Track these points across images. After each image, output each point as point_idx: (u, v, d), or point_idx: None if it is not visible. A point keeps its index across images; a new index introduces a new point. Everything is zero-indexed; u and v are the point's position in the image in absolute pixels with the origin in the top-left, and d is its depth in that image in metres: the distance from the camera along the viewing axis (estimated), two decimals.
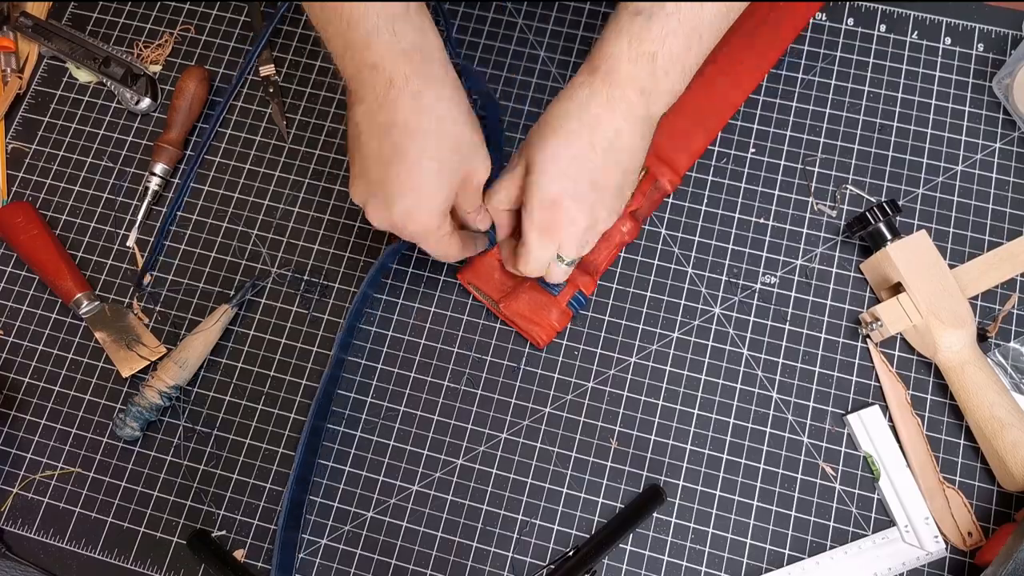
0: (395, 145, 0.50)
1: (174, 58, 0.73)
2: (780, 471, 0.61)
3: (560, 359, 0.64)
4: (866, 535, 0.59)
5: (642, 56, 0.51)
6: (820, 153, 0.67)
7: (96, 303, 0.66)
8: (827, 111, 0.68)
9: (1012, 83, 0.65)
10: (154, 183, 0.68)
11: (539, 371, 0.63)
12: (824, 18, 0.70)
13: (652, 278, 0.65)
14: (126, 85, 0.71)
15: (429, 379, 0.64)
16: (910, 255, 0.60)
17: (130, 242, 0.68)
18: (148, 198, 0.68)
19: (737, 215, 0.66)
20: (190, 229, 0.68)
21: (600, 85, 0.52)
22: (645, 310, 0.64)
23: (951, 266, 0.61)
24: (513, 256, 0.57)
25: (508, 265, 0.59)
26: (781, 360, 0.63)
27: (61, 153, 0.71)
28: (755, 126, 0.68)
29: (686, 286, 0.65)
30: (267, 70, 0.71)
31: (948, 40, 0.69)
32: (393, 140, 0.50)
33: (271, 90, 0.71)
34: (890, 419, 0.61)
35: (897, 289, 0.61)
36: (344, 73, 0.51)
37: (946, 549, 0.58)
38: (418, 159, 0.50)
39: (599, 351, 0.64)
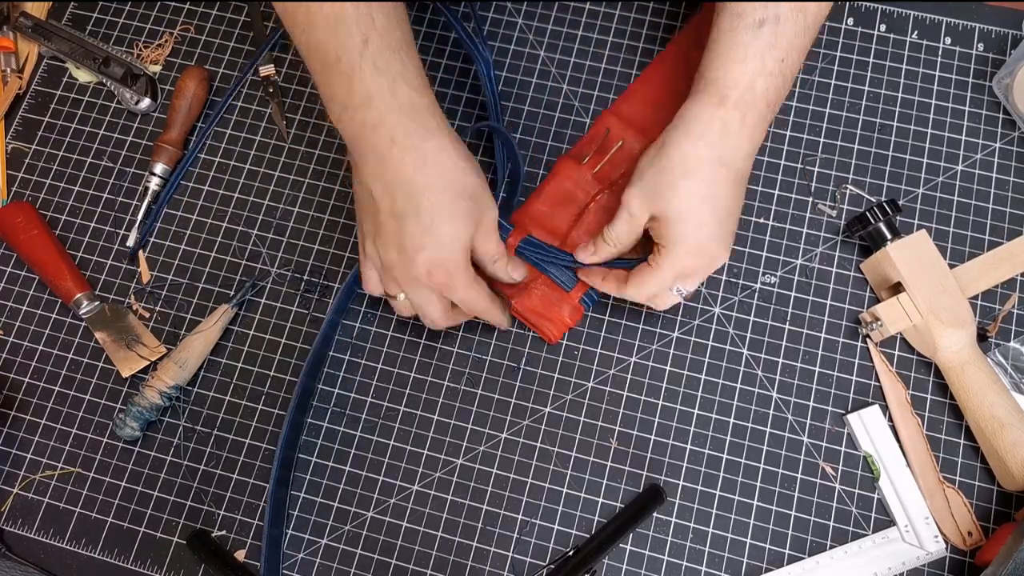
0: (407, 199, 0.51)
1: (174, 58, 0.73)
2: (780, 471, 0.61)
3: (560, 359, 0.64)
4: (866, 535, 0.59)
5: (775, 65, 0.50)
6: (820, 153, 0.67)
7: (96, 303, 0.66)
8: (827, 111, 0.68)
9: (1012, 83, 0.65)
10: (154, 183, 0.68)
11: (539, 371, 0.63)
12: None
13: None
14: (126, 85, 0.71)
15: (429, 379, 0.64)
16: (910, 255, 0.60)
17: (130, 242, 0.68)
18: (148, 198, 0.68)
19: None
20: (190, 229, 0.68)
21: (732, 113, 0.51)
22: (645, 310, 0.64)
23: (951, 266, 0.61)
24: (622, 285, 0.57)
25: (611, 290, 0.59)
26: (781, 360, 0.63)
27: (61, 153, 0.71)
28: None
29: None
30: (267, 70, 0.71)
31: (948, 40, 0.69)
32: (404, 194, 0.51)
33: (271, 90, 0.71)
34: (890, 419, 0.61)
35: (897, 289, 0.61)
36: (344, 135, 0.52)
37: (946, 549, 0.58)
38: (430, 210, 0.51)
39: (599, 351, 0.64)
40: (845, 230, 0.65)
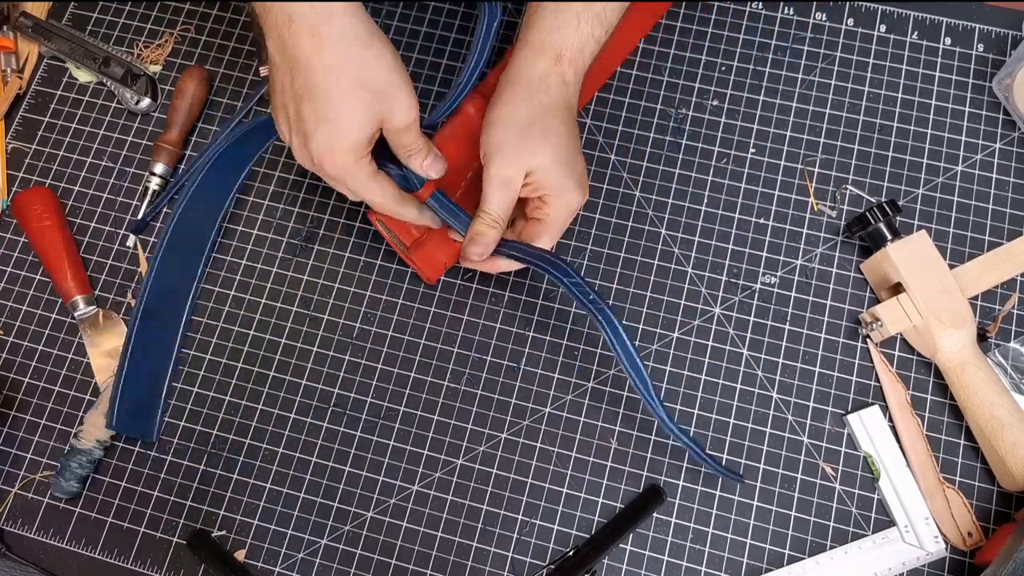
0: (305, 82, 0.50)
1: (174, 58, 0.73)
2: (780, 471, 0.61)
3: (560, 359, 0.64)
4: (866, 535, 0.59)
5: (602, 34, 0.57)
6: (820, 153, 0.67)
7: (92, 308, 0.66)
8: (827, 111, 0.68)
9: (1012, 83, 0.65)
10: (154, 183, 0.68)
11: (539, 371, 0.63)
12: (824, 18, 0.70)
13: (652, 278, 0.65)
14: (126, 85, 0.71)
15: (429, 379, 0.64)
16: (910, 255, 0.60)
17: (130, 242, 0.68)
18: (148, 198, 0.68)
19: (737, 215, 0.66)
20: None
21: (568, 68, 0.56)
22: (645, 310, 0.64)
23: (951, 266, 0.61)
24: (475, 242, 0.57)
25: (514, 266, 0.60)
26: (781, 360, 0.63)
27: (61, 153, 0.71)
28: (755, 126, 0.68)
29: (686, 286, 0.65)
30: (267, 70, 0.71)
31: (948, 40, 0.69)
32: (302, 77, 0.50)
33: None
34: (890, 419, 0.61)
35: (897, 289, 0.61)
36: (254, 4, 0.51)
37: (946, 549, 0.58)
38: (326, 97, 0.49)
39: (599, 351, 0.64)
40: (845, 230, 0.65)
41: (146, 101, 0.71)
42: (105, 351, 0.65)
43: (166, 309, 0.65)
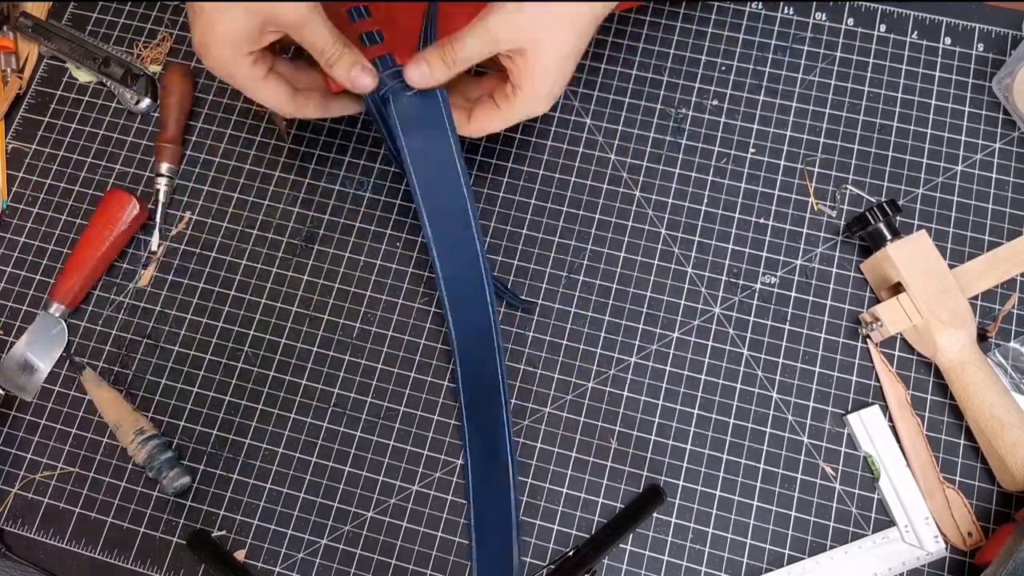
0: None
1: (173, 58, 0.73)
2: (780, 471, 0.61)
3: (560, 359, 0.64)
4: (866, 535, 0.59)
5: None
6: (820, 153, 0.67)
7: (60, 322, 0.66)
8: (827, 111, 0.68)
9: (1012, 83, 0.65)
10: (163, 184, 0.68)
11: (539, 371, 0.63)
12: (824, 18, 0.71)
13: (652, 278, 0.65)
14: (126, 85, 0.71)
15: (429, 379, 0.64)
16: (910, 255, 0.60)
17: (153, 246, 0.68)
18: (162, 199, 0.68)
19: (737, 215, 0.66)
20: (191, 229, 0.68)
21: None
22: (645, 310, 0.64)
23: (951, 266, 0.61)
24: (464, 124, 0.54)
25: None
26: (781, 360, 0.63)
27: (61, 153, 0.71)
28: (755, 126, 0.68)
29: (686, 286, 0.65)
30: None
31: (948, 40, 0.70)
32: None
33: None
34: (890, 419, 0.61)
35: (897, 289, 0.61)
36: None
37: (946, 549, 0.58)
38: None
39: (599, 351, 0.64)
40: (845, 230, 0.65)
41: (146, 101, 0.71)
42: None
43: (485, 418, 0.59)
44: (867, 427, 0.60)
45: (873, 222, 0.61)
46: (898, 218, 0.64)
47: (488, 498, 0.59)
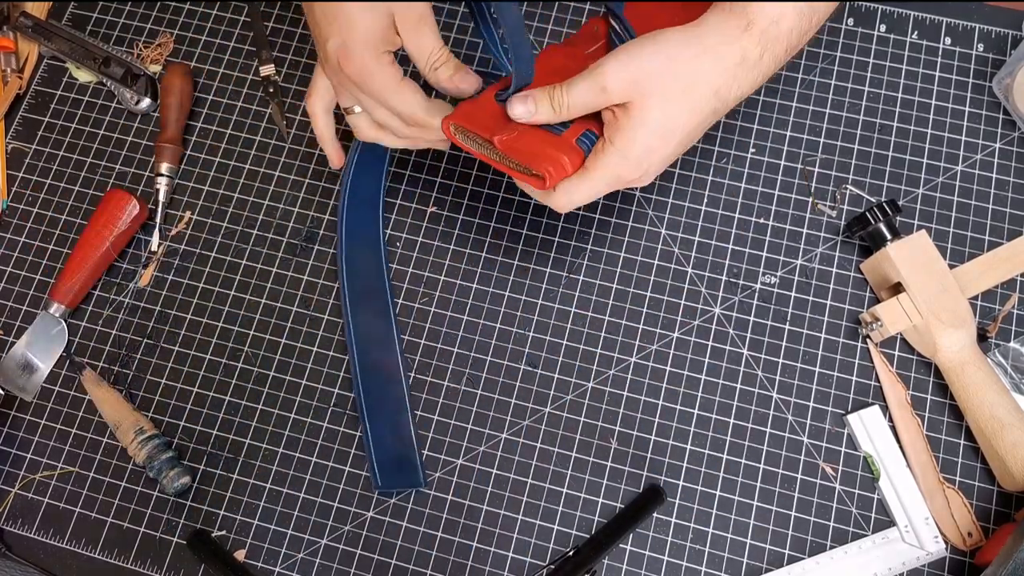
0: None
1: (174, 58, 0.73)
2: (780, 471, 0.61)
3: (560, 359, 0.64)
4: (866, 535, 0.59)
5: (808, 8, 0.47)
6: (820, 153, 0.67)
7: (60, 325, 0.66)
8: (827, 111, 0.68)
9: (1012, 83, 0.65)
10: (163, 184, 0.68)
11: (539, 371, 0.63)
12: None
13: (652, 278, 0.65)
14: (126, 85, 0.71)
15: (429, 379, 0.64)
16: (910, 255, 0.60)
17: (153, 246, 0.68)
18: (162, 199, 0.68)
19: (737, 215, 0.66)
20: (191, 229, 0.68)
21: (755, 45, 0.47)
22: (645, 310, 0.64)
23: (951, 266, 0.61)
24: (547, 192, 0.50)
25: (530, 190, 0.52)
26: (781, 360, 0.63)
27: (61, 153, 0.71)
28: (755, 126, 0.68)
29: (686, 286, 0.65)
30: (267, 70, 0.71)
31: (948, 40, 0.69)
32: None
33: (271, 90, 0.71)
34: (890, 419, 0.61)
35: (897, 289, 0.61)
36: None
37: (946, 549, 0.58)
38: None
39: (599, 351, 0.64)
40: (845, 230, 0.65)
41: (146, 101, 0.71)
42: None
43: (379, 361, 0.63)
44: (867, 427, 0.60)
45: (873, 222, 0.61)
46: (898, 218, 0.64)
47: (376, 389, 0.62)
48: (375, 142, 0.56)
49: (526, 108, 0.49)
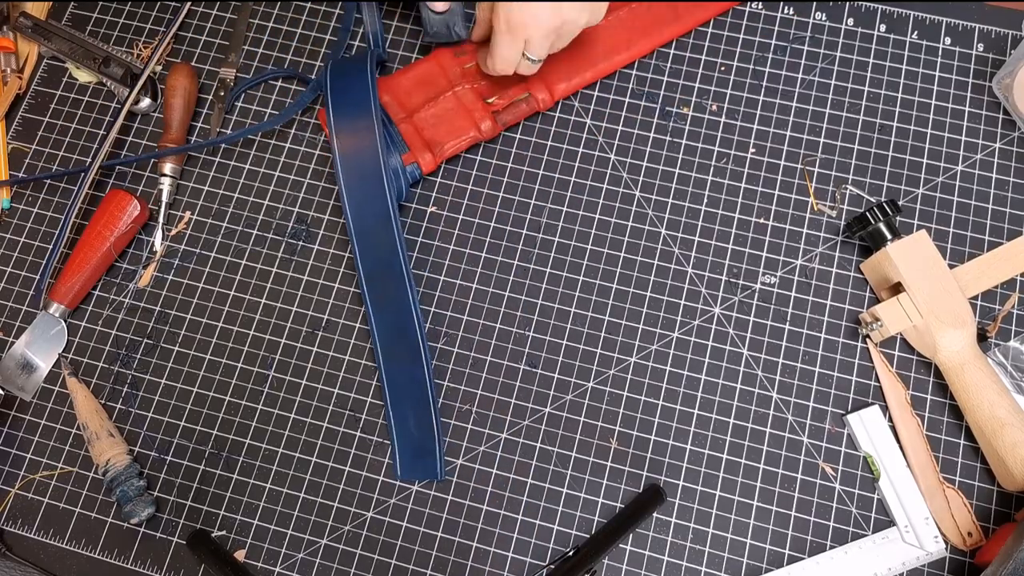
0: None
1: (174, 58, 0.73)
2: (780, 471, 0.61)
3: (560, 359, 0.64)
4: (866, 535, 0.59)
5: None
6: (820, 153, 0.67)
7: (60, 325, 0.66)
8: (827, 111, 0.68)
9: (1012, 83, 0.65)
10: (166, 184, 0.68)
11: (539, 371, 0.63)
12: (824, 18, 0.71)
13: (652, 278, 0.65)
14: (126, 85, 0.71)
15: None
16: (910, 255, 0.60)
17: (157, 247, 0.68)
18: (165, 199, 0.68)
19: (737, 215, 0.66)
20: (191, 229, 0.68)
21: None
22: (645, 310, 0.64)
23: (951, 266, 0.61)
24: (485, 63, 0.63)
25: (482, 64, 0.65)
26: (781, 360, 0.63)
27: (61, 153, 0.71)
28: (755, 126, 0.68)
29: (686, 286, 0.65)
30: (227, 73, 0.71)
31: (948, 40, 0.70)
32: None
33: (221, 93, 0.71)
34: (890, 419, 0.61)
35: (897, 289, 0.61)
36: None
37: (946, 549, 0.58)
38: None
39: (599, 351, 0.64)
40: (845, 230, 0.65)
41: (146, 101, 0.71)
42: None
43: (401, 346, 0.62)
44: (867, 427, 0.60)
45: (873, 222, 0.61)
46: (898, 218, 0.64)
47: (400, 373, 0.62)
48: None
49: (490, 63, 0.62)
